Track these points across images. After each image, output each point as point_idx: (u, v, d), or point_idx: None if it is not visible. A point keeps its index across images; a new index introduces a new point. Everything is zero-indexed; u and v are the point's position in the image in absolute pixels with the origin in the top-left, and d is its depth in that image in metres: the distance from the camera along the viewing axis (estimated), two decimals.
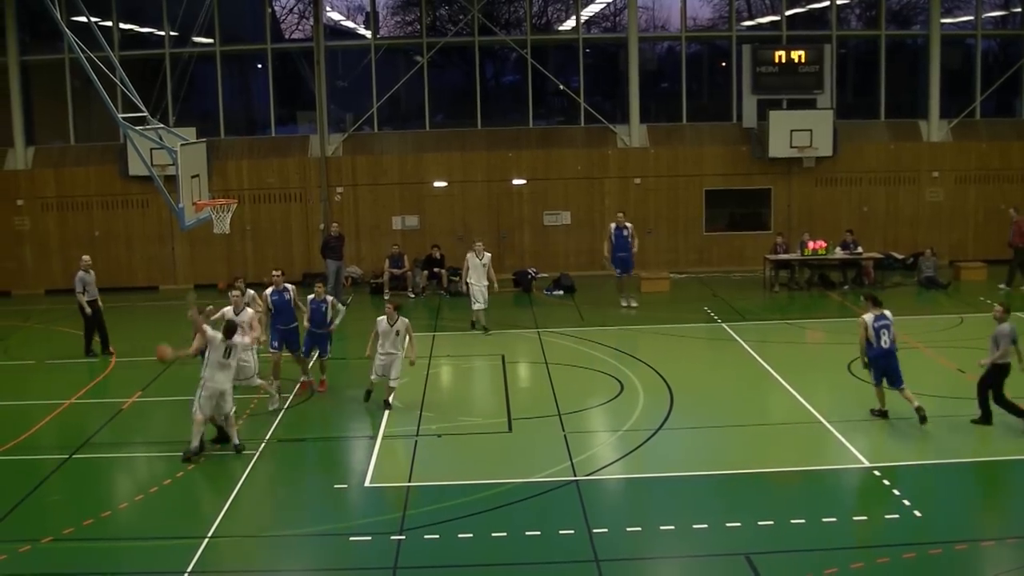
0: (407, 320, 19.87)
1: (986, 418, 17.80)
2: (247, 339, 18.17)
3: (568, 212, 34.55)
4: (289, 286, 20.94)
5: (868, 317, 18.31)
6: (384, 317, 19.68)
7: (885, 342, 18.20)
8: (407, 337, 19.72)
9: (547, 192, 34.47)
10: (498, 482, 15.89)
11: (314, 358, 21.16)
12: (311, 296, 20.76)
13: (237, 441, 17.48)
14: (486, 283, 26.08)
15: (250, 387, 19.45)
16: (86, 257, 25.10)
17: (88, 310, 24.41)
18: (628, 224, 28.85)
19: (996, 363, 17.54)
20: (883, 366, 18.30)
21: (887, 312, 18.42)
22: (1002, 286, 30.29)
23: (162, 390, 21.38)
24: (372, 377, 19.89)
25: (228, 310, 19.33)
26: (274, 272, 21.27)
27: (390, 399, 19.72)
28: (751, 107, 34.59)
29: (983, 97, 35.31)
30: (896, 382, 18.25)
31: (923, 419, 17.63)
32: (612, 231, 28.83)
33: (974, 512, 14.72)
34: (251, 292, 20.74)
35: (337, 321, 20.90)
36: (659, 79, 37.83)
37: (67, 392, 21.42)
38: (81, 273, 24.51)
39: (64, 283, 32.76)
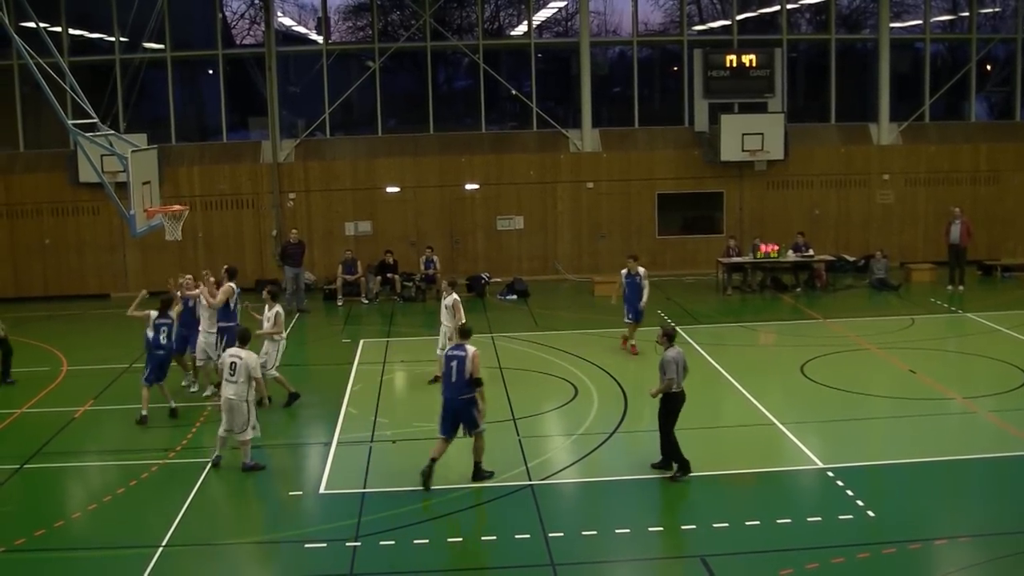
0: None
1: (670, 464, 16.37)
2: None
3: (521, 217, 34.55)
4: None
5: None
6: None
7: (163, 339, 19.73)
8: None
9: (500, 197, 34.46)
10: (453, 487, 15.87)
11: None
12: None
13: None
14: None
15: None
16: None
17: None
18: (640, 269, 24.19)
19: (668, 393, 16.31)
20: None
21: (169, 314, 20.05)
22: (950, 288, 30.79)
23: (114, 399, 21.18)
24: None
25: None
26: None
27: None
28: (703, 111, 34.77)
29: (932, 100, 35.67)
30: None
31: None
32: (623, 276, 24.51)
33: (927, 511, 14.82)
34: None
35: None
36: (611, 83, 37.99)
37: (18, 401, 21.19)
38: None
39: (15, 291, 32.69)
